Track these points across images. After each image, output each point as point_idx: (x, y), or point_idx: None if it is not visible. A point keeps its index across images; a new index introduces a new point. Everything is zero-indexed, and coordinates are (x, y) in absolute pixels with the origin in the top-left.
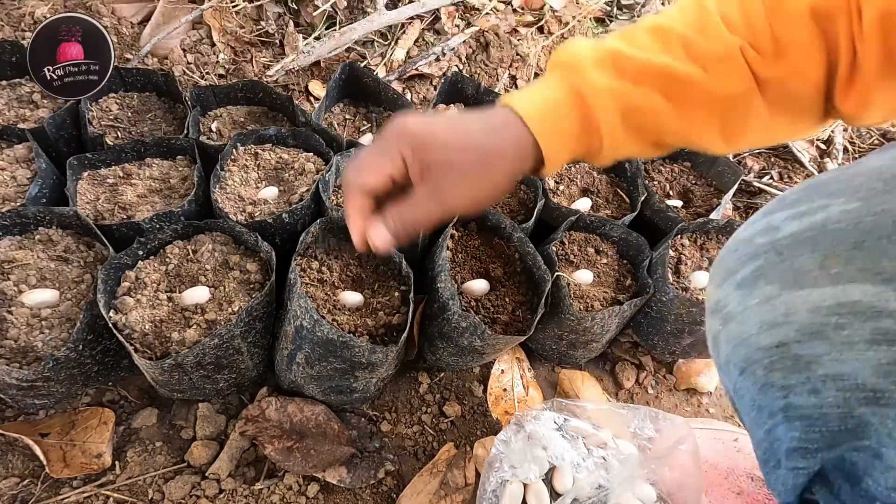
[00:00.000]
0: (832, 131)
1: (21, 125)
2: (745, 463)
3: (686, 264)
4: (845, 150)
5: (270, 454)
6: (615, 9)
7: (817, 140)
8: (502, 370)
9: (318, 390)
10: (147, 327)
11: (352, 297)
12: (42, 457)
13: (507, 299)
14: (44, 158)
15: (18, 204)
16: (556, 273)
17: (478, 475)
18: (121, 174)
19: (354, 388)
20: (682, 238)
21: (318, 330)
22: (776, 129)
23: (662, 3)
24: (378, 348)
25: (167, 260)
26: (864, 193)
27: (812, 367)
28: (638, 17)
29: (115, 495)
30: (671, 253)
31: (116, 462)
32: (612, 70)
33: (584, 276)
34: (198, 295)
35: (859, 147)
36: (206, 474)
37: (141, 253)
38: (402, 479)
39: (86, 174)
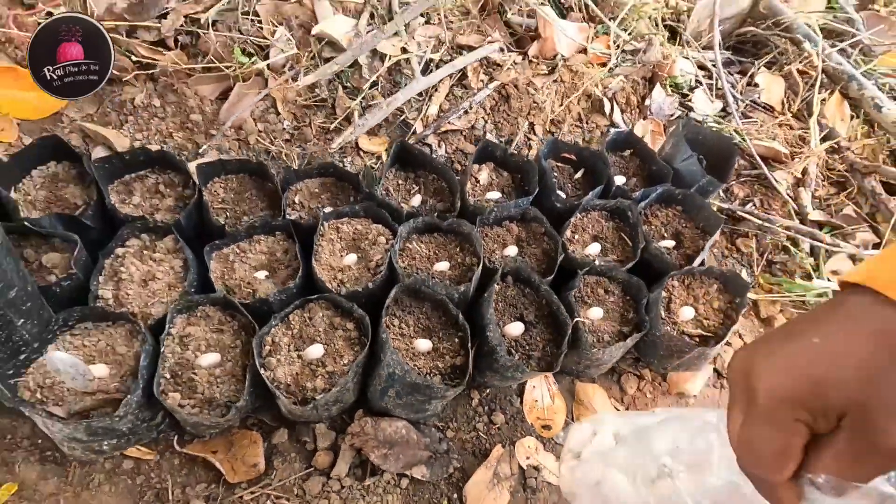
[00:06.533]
0: (807, 164)
1: (156, 215)
2: None
3: (675, 302)
4: (819, 178)
5: (372, 459)
6: (618, 54)
7: (792, 171)
8: (534, 386)
9: (402, 412)
10: (289, 379)
11: (424, 345)
12: (221, 468)
13: (538, 338)
14: (188, 249)
15: (180, 289)
16: (576, 319)
17: (520, 467)
18: (237, 251)
19: (428, 409)
20: (672, 280)
21: (407, 377)
22: None
23: (660, 51)
24: (450, 389)
25: (291, 326)
26: None
27: None
28: (639, 63)
29: (273, 493)
30: (663, 294)
31: (268, 469)
32: None
33: (595, 314)
34: (315, 351)
35: (828, 176)
36: (330, 475)
37: (274, 323)
38: (466, 472)
39: (214, 254)
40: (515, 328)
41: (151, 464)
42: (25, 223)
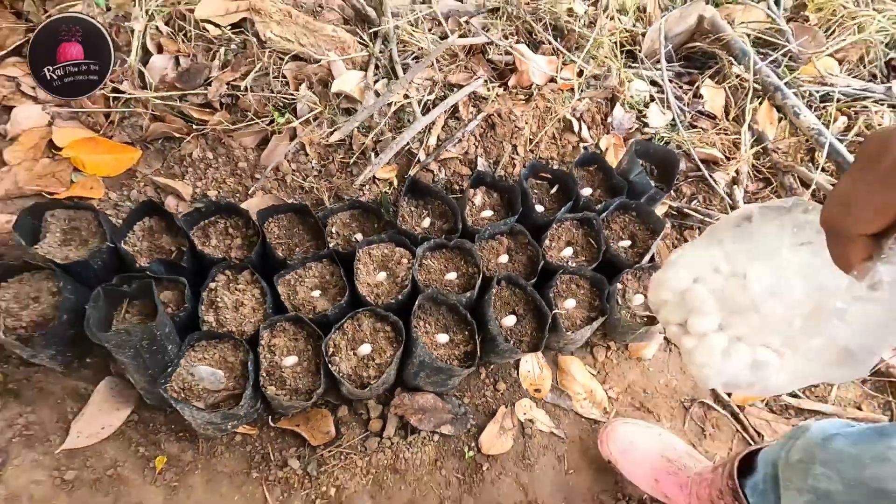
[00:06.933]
0: (739, 167)
1: (230, 252)
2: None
3: (629, 291)
4: (749, 176)
5: (412, 422)
6: (583, 80)
7: (728, 172)
8: (527, 361)
9: (430, 387)
10: (349, 371)
11: (443, 338)
12: (305, 435)
13: (527, 327)
14: (262, 280)
15: (262, 311)
16: (554, 311)
17: (519, 421)
18: (296, 276)
19: (449, 384)
20: (627, 274)
21: (434, 363)
22: None
23: (617, 77)
24: (465, 370)
25: (346, 332)
26: None
27: None
28: (601, 88)
29: (343, 451)
30: (619, 286)
31: (337, 434)
32: None
33: (570, 304)
34: (365, 349)
35: (756, 174)
36: (382, 436)
37: (334, 331)
38: (480, 427)
39: (280, 280)
40: (510, 320)
41: (254, 436)
42: (147, 272)
